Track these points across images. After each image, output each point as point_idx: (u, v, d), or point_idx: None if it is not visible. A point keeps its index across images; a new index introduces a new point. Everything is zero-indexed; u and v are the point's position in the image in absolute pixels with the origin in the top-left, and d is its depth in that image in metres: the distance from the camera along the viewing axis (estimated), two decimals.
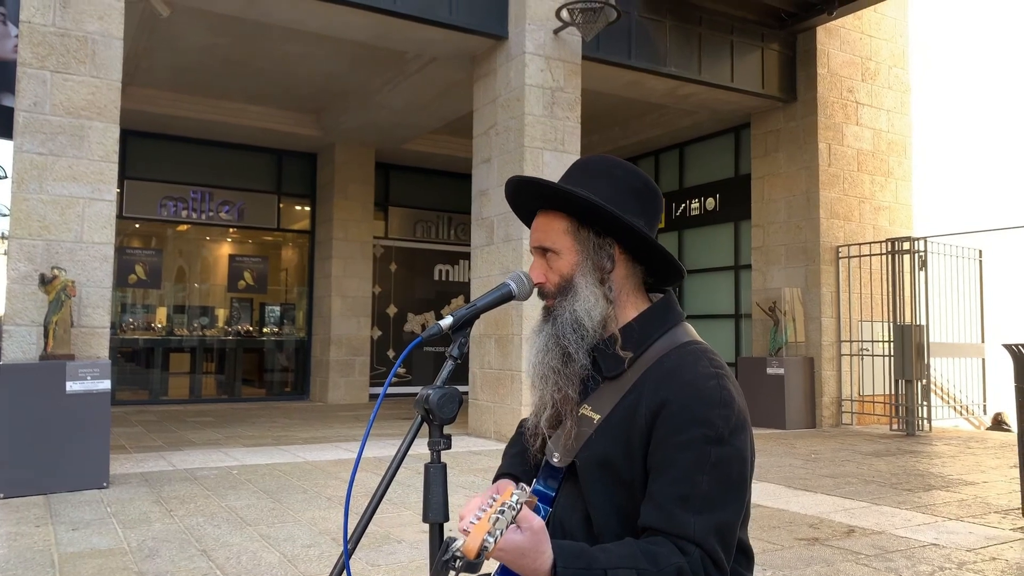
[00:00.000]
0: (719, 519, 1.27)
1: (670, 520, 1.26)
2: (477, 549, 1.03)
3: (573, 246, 1.45)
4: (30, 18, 5.55)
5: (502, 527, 1.06)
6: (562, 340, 1.41)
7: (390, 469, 1.21)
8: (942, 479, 6.01)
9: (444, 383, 1.24)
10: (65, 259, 5.48)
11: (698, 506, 1.26)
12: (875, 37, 10.34)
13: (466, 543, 1.04)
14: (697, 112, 10.56)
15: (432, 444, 1.23)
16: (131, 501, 4.80)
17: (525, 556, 1.14)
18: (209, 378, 12.24)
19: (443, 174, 13.49)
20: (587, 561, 1.21)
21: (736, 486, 1.30)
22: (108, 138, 5.73)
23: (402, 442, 1.20)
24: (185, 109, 10.62)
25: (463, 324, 1.31)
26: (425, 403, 1.22)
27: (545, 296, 1.48)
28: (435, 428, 1.23)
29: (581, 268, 1.44)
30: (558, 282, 1.45)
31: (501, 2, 7.92)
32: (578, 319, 1.40)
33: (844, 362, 9.71)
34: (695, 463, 1.27)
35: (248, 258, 12.55)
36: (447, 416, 1.22)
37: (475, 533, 1.05)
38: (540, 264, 1.48)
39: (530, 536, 1.14)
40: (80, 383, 5.14)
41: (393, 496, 5.04)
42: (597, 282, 1.44)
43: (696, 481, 1.26)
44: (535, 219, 1.51)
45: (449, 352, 1.31)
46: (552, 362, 1.41)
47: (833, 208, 9.72)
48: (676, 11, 8.80)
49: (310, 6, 7.18)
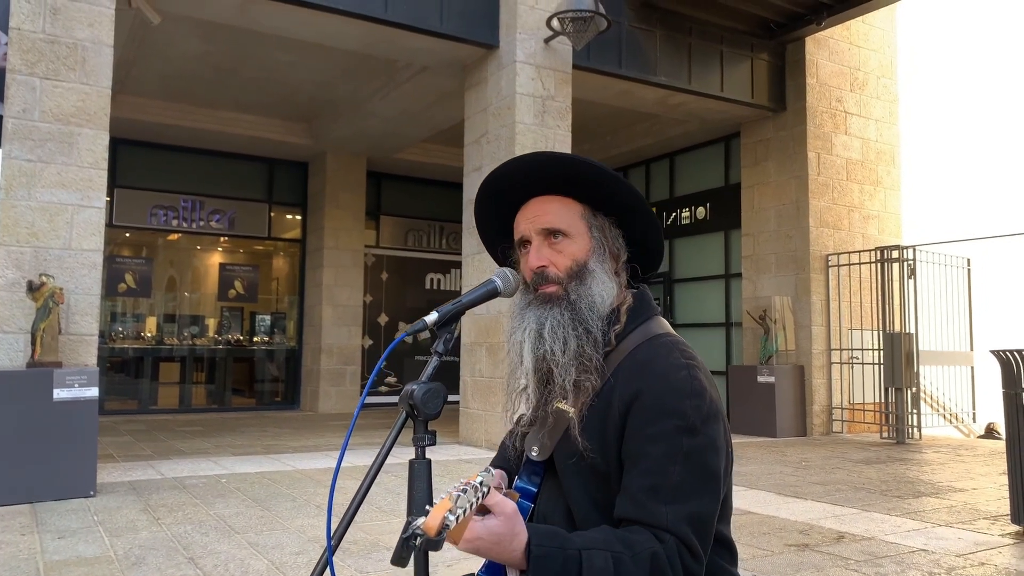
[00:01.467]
0: (693, 508, 1.27)
1: (643, 510, 1.26)
2: (438, 526, 1.02)
3: (587, 231, 1.44)
4: (20, 25, 5.54)
5: (464, 505, 1.05)
6: (590, 326, 1.38)
7: (374, 465, 1.20)
8: (932, 486, 6.02)
9: (429, 379, 1.24)
10: (53, 266, 5.45)
11: (670, 496, 1.26)
12: (863, 48, 10.43)
13: (427, 520, 1.03)
14: (687, 121, 10.62)
15: (416, 440, 1.22)
16: (118, 509, 4.76)
17: (502, 540, 1.14)
18: (199, 388, 12.18)
19: (434, 183, 13.50)
20: (561, 541, 1.21)
21: (710, 476, 1.30)
22: (98, 145, 5.71)
23: (386, 438, 1.20)
24: (176, 117, 10.61)
25: (448, 320, 1.31)
26: (410, 399, 1.22)
27: (548, 281, 1.42)
28: (419, 424, 1.23)
29: (597, 254, 1.43)
30: (569, 266, 1.42)
31: (492, 11, 7.95)
32: (595, 305, 1.39)
33: (834, 370, 9.74)
34: (667, 453, 1.27)
35: (239, 267, 12.51)
36: (431, 412, 1.22)
37: (436, 511, 1.04)
38: (543, 248, 1.44)
39: (504, 521, 1.14)
40: (67, 390, 5.11)
41: (382, 503, 5.02)
42: (612, 271, 1.44)
43: (668, 471, 1.27)
44: (530, 204, 1.47)
45: (434, 348, 1.30)
46: (583, 347, 1.37)
47: (823, 217, 9.77)
48: (666, 21, 8.85)
49: (301, 14, 7.19)
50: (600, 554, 1.20)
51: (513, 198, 1.50)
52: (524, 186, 1.47)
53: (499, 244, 1.57)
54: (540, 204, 1.45)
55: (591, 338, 1.38)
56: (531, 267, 1.43)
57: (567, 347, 1.37)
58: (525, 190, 1.48)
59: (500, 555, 1.16)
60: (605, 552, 1.21)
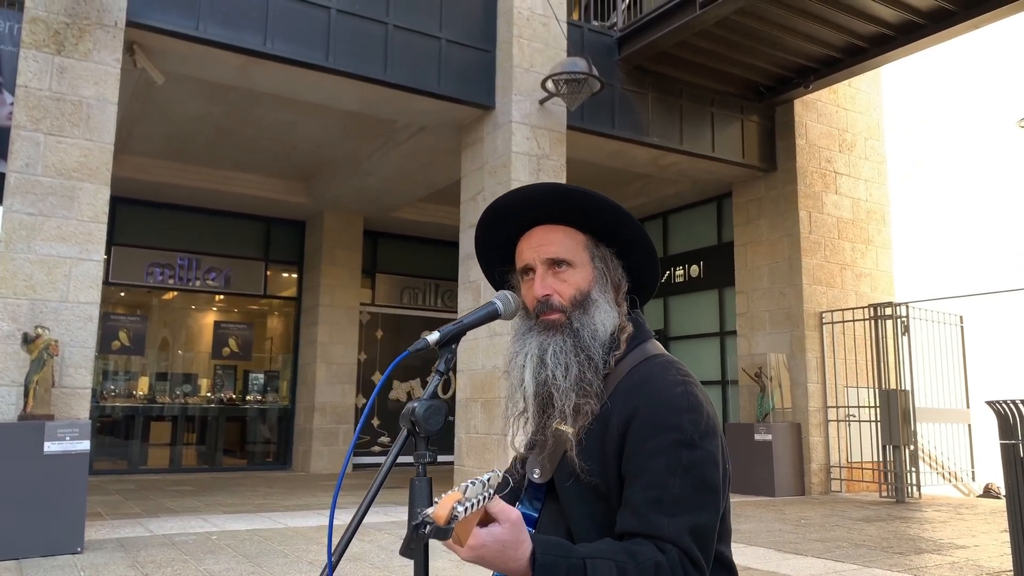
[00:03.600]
0: (694, 521, 1.28)
1: (645, 523, 1.27)
2: (447, 515, 1.04)
3: (590, 261, 1.47)
4: (27, 83, 5.66)
5: (472, 497, 1.07)
6: (592, 353, 1.41)
7: (375, 483, 1.20)
8: (933, 543, 5.94)
9: (430, 397, 1.25)
10: (49, 318, 5.46)
11: (671, 508, 1.27)
12: (850, 110, 10.69)
13: (436, 510, 1.06)
14: (680, 181, 10.79)
15: (418, 457, 1.23)
16: (106, 565, 4.66)
17: (507, 548, 1.14)
18: (190, 448, 12.02)
19: (430, 242, 13.61)
20: (566, 551, 1.22)
21: (708, 488, 1.31)
22: (99, 199, 5.78)
23: (387, 456, 1.21)
24: (176, 176, 10.74)
25: (449, 340, 1.33)
26: (411, 416, 1.23)
27: (551, 309, 1.45)
28: (421, 441, 1.23)
29: (599, 284, 1.47)
30: (573, 296, 1.45)
31: (488, 73, 8.16)
32: (597, 333, 1.42)
33: (831, 428, 9.69)
34: (667, 467, 1.29)
35: (233, 325, 12.50)
36: (433, 428, 1.23)
37: (446, 500, 1.06)
38: (547, 277, 1.47)
39: (509, 528, 1.14)
40: (59, 443, 5.05)
41: (375, 560, 4.93)
42: (614, 300, 1.48)
43: (668, 484, 1.28)
44: (534, 232, 1.50)
45: (436, 367, 1.32)
46: (584, 373, 1.39)
47: (815, 274, 9.86)
48: (658, 84, 9.08)
49: (302, 76, 7.37)
50: (604, 563, 1.21)
51: (517, 225, 1.53)
52: (529, 213, 1.51)
53: (497, 268, 1.60)
54: (545, 233, 1.49)
55: (592, 364, 1.40)
56: (536, 296, 1.46)
57: (568, 372, 1.39)
58: (530, 218, 1.51)
59: (505, 564, 1.16)
60: (609, 561, 1.22)
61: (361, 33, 7.45)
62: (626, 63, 8.78)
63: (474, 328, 1.37)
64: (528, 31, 8.05)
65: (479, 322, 1.39)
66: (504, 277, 1.58)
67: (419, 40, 7.76)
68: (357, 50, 7.40)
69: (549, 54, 8.10)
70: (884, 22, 8.21)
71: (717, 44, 8.52)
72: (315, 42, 7.20)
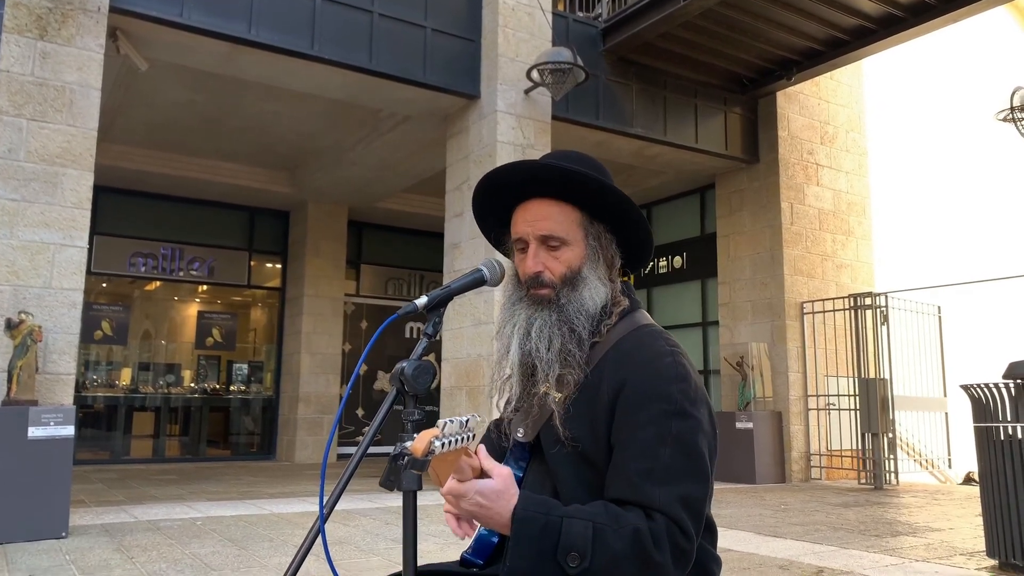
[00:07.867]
0: (684, 490, 1.31)
1: (637, 492, 1.30)
2: (425, 448, 1.10)
3: (583, 238, 1.48)
4: (9, 67, 5.63)
5: (450, 434, 1.12)
6: (575, 326, 1.42)
7: (363, 444, 1.24)
8: (909, 526, 6.06)
9: (419, 358, 1.29)
10: (33, 305, 5.44)
11: (662, 478, 1.30)
12: (832, 103, 10.80)
13: (414, 444, 1.12)
14: (664, 172, 10.86)
15: (406, 415, 1.27)
16: (91, 549, 4.67)
17: (501, 497, 1.19)
18: (173, 438, 11.98)
19: (415, 232, 13.60)
20: (547, 508, 1.25)
21: (699, 457, 1.34)
22: (82, 185, 5.76)
23: (376, 415, 1.25)
24: (159, 165, 10.68)
25: (437, 304, 1.37)
26: (400, 375, 1.27)
27: (542, 285, 1.47)
28: (410, 399, 1.27)
29: (591, 261, 1.48)
30: (564, 273, 1.47)
31: (474, 63, 8.18)
32: (586, 309, 1.44)
33: (811, 416, 9.81)
34: (657, 437, 1.32)
35: (217, 315, 12.46)
36: (421, 387, 1.27)
37: (424, 435, 1.12)
38: (540, 253, 1.48)
39: (501, 480, 1.19)
40: (43, 429, 5.05)
41: (360, 543, 4.97)
42: (606, 277, 1.50)
43: (659, 454, 1.31)
44: (530, 205, 1.50)
45: (424, 331, 1.36)
46: (567, 345, 1.42)
47: (796, 265, 9.97)
48: (642, 75, 9.13)
49: (287, 64, 7.35)
50: (581, 523, 1.24)
51: (513, 193, 1.53)
52: (524, 184, 1.51)
53: (495, 230, 1.62)
54: (539, 207, 1.49)
55: (575, 336, 1.43)
56: (528, 271, 1.49)
57: (551, 345, 1.43)
58: (525, 188, 1.52)
59: (490, 516, 1.20)
60: (587, 522, 1.25)
61: (346, 21, 7.45)
62: (610, 54, 8.82)
63: (462, 293, 1.42)
64: (513, 21, 8.08)
65: (466, 287, 1.43)
66: (501, 239, 1.61)
67: (404, 29, 7.77)
68: (342, 38, 7.40)
69: (534, 44, 8.13)
70: (865, 15, 8.31)
71: (701, 36, 8.59)
72: (300, 30, 7.19)
